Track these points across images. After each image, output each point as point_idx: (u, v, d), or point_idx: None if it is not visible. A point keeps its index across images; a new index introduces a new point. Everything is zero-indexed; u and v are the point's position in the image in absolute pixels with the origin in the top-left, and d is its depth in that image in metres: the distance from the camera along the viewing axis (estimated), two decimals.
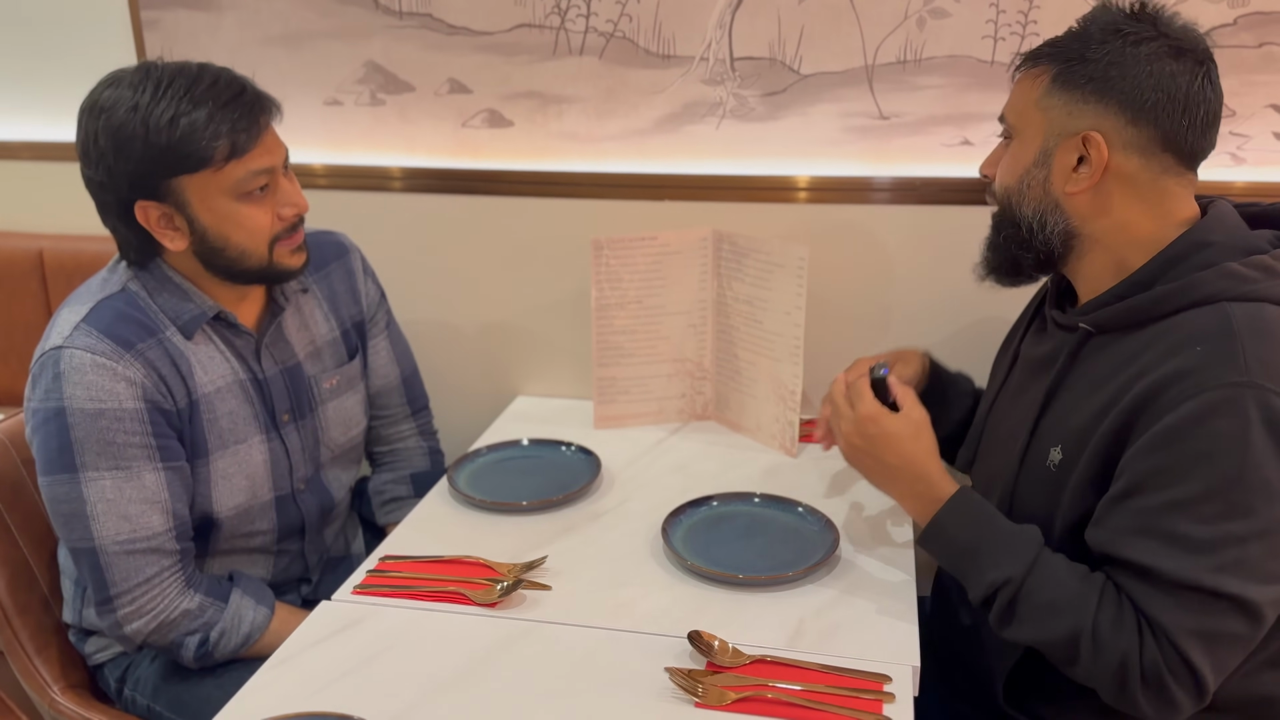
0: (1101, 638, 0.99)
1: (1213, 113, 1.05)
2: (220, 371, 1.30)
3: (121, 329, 1.21)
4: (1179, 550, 0.96)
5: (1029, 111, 1.10)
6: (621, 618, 1.16)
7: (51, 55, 1.88)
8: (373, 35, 1.71)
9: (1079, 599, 1.02)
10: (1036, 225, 1.10)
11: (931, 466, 1.17)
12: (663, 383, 1.68)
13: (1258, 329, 0.96)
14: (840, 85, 1.59)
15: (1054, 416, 1.11)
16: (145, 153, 1.16)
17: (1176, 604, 0.96)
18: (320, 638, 1.14)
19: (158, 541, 1.22)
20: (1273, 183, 1.52)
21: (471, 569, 1.25)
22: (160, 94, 1.16)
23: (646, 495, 1.44)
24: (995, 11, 1.51)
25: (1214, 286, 0.99)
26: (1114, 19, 1.06)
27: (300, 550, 1.44)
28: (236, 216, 1.22)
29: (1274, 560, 0.95)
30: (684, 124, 1.66)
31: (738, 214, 1.67)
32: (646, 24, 1.61)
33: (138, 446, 1.20)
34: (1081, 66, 1.05)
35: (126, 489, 1.20)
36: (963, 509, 1.13)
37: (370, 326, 1.52)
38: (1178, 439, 0.95)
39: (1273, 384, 0.93)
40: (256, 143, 1.20)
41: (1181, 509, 0.96)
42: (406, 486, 1.56)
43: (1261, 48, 1.47)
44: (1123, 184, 1.06)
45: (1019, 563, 1.05)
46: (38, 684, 1.33)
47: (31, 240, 1.98)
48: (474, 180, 1.75)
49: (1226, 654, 0.97)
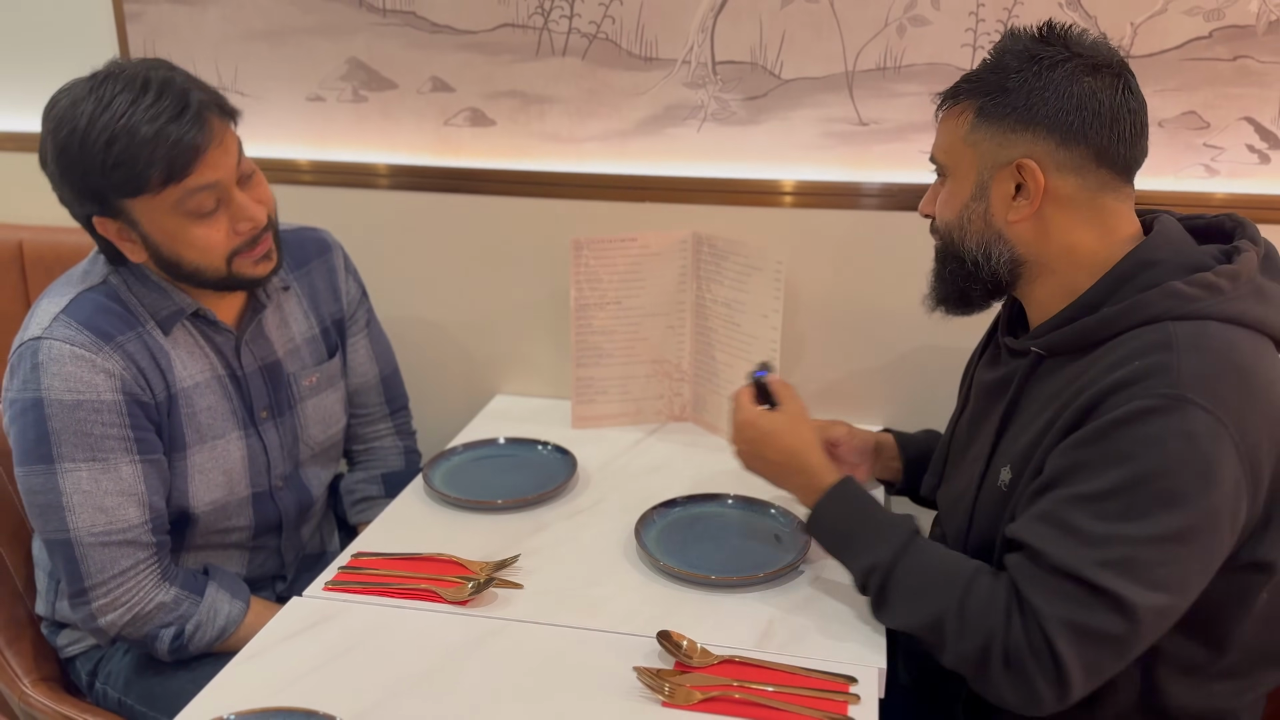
0: (967, 618, 1.01)
1: (1139, 122, 1.05)
2: (199, 367, 1.30)
3: (101, 321, 1.21)
4: (1071, 540, 0.97)
5: (958, 148, 1.10)
6: (592, 617, 1.17)
7: (34, 47, 1.87)
8: (356, 32, 1.71)
9: (946, 583, 1.04)
10: (981, 258, 1.10)
11: (812, 457, 1.21)
12: (641, 383, 1.69)
13: (1197, 345, 0.97)
14: (821, 91, 1.60)
15: (1009, 439, 1.12)
16: (86, 177, 1.15)
17: (1055, 590, 0.97)
18: (291, 633, 1.14)
19: (134, 534, 1.22)
20: (1251, 194, 1.54)
21: (444, 567, 1.25)
22: (100, 113, 1.13)
23: (622, 495, 1.45)
24: (975, 20, 1.52)
25: (1159, 306, 1.00)
26: (1026, 46, 1.06)
27: (277, 547, 1.44)
28: (186, 235, 1.20)
29: (1164, 569, 0.95)
30: (665, 126, 1.67)
31: (717, 216, 1.68)
32: (629, 26, 1.62)
33: (115, 439, 1.20)
34: (1003, 97, 1.05)
35: (103, 481, 1.20)
36: (841, 498, 1.17)
37: (350, 325, 1.52)
38: (1099, 438, 0.97)
39: (1202, 399, 0.94)
40: (196, 163, 1.16)
41: (1084, 502, 0.97)
42: (378, 486, 1.56)
43: (1235, 61, 1.48)
44: (1062, 206, 1.06)
45: (889, 548, 1.09)
46: (8, 676, 1.33)
47: (11, 231, 1.97)
48: (455, 178, 1.75)
49: (1097, 653, 0.96)
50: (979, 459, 1.16)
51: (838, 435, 1.41)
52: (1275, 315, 1.02)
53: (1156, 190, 1.54)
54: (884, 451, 1.44)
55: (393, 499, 1.47)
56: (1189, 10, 1.47)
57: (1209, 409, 0.93)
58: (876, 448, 1.43)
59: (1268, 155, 1.53)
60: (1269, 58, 1.48)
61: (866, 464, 1.43)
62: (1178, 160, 1.55)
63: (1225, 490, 0.94)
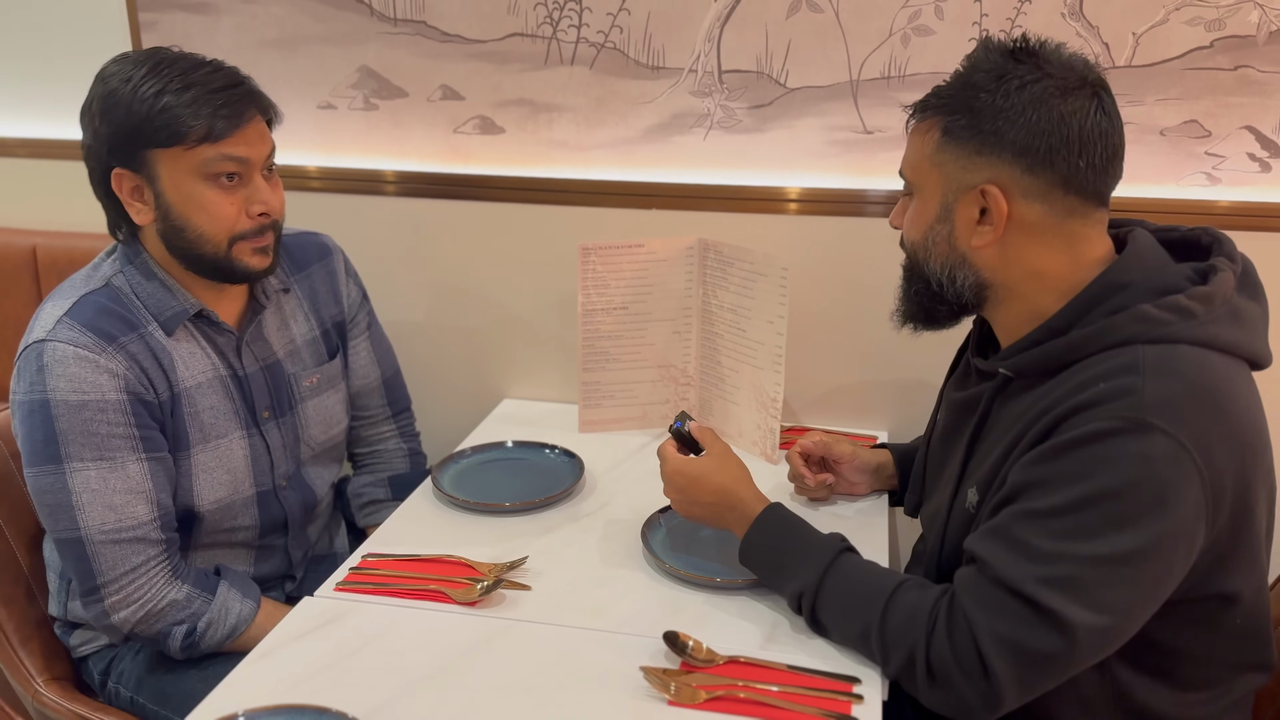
0: (888, 632, 1.02)
1: (1111, 146, 1.01)
2: (201, 367, 1.32)
3: (103, 323, 1.24)
4: (1017, 555, 0.96)
5: (924, 167, 1.07)
6: (599, 618, 1.18)
7: (50, 55, 1.90)
8: (367, 41, 1.73)
9: (869, 600, 1.05)
10: (946, 280, 1.09)
11: (741, 491, 1.22)
12: (647, 388, 1.71)
13: (1165, 369, 0.95)
14: (825, 99, 1.61)
15: (976, 460, 1.12)
16: (126, 120, 1.20)
17: (995, 605, 0.96)
18: (302, 632, 1.15)
19: (143, 531, 1.23)
20: (1253, 202, 1.55)
21: (453, 568, 1.27)
22: (156, 72, 1.20)
23: (628, 499, 1.47)
24: (978, 30, 1.54)
25: (1128, 330, 0.98)
26: (996, 63, 1.02)
27: (284, 546, 1.45)
28: (201, 199, 1.23)
29: (1109, 591, 0.93)
30: (672, 134, 1.68)
31: (723, 223, 1.69)
32: (637, 36, 1.64)
33: (121, 437, 1.22)
34: (969, 118, 1.02)
35: (111, 479, 1.21)
36: (766, 526, 1.17)
37: (351, 327, 1.54)
38: (1056, 456, 0.96)
39: (1164, 423, 0.92)
40: (235, 131, 1.22)
41: (1035, 518, 0.96)
42: (385, 489, 1.58)
43: (1236, 70, 1.50)
44: (1028, 233, 1.03)
45: (813, 571, 1.10)
46: (22, 676, 1.35)
47: (25, 237, 1.99)
48: (465, 185, 1.77)
49: (1031, 670, 0.95)
50: (950, 480, 1.15)
51: (841, 453, 1.42)
52: (1250, 338, 1.01)
53: (1158, 198, 1.56)
54: (884, 469, 1.45)
55: (399, 501, 1.49)
56: (1190, 20, 1.49)
57: (1171, 433, 0.91)
58: (878, 466, 1.45)
59: (1269, 164, 1.54)
60: (1270, 67, 1.49)
61: (867, 481, 1.45)
62: (1180, 168, 1.56)
63: (1182, 516, 0.93)
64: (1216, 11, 1.48)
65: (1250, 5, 1.47)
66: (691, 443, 1.28)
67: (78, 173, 1.94)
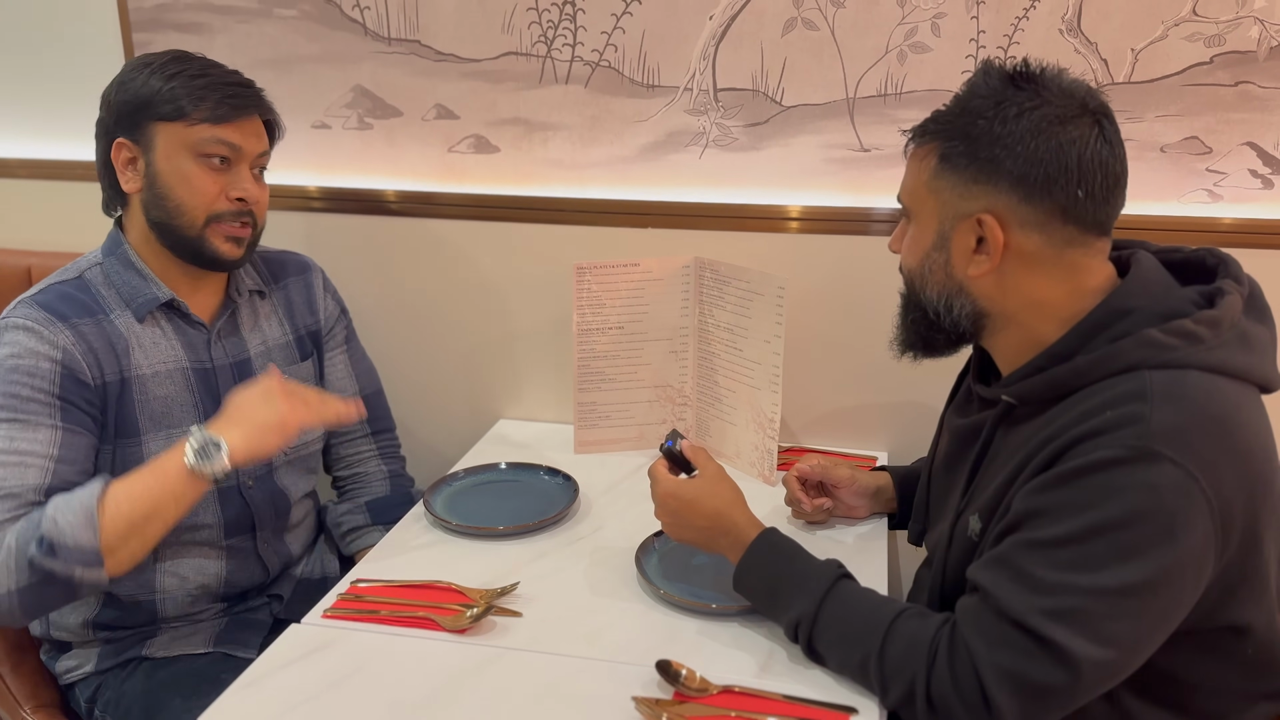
0: (887, 662, 1.00)
1: (1112, 176, 0.99)
2: (162, 357, 1.33)
3: (60, 304, 1.28)
4: (1021, 586, 0.94)
5: (921, 193, 1.05)
6: (592, 645, 1.16)
7: (44, 76, 1.90)
8: (361, 60, 1.73)
9: (868, 629, 1.03)
10: (943, 309, 1.07)
11: (735, 515, 1.19)
12: (644, 408, 1.69)
13: (1174, 395, 0.92)
14: (822, 117, 1.60)
15: (979, 488, 1.10)
16: (140, 92, 1.28)
17: (998, 636, 0.94)
18: (290, 660, 1.13)
19: (21, 492, 1.17)
20: (1255, 219, 1.53)
21: (443, 594, 1.25)
22: (178, 61, 1.31)
23: (623, 522, 1.45)
24: (975, 46, 1.53)
25: (1134, 355, 0.96)
26: (995, 89, 1.00)
27: (253, 549, 1.43)
28: (187, 173, 1.29)
29: (1114, 623, 0.91)
30: (667, 152, 1.67)
31: (719, 241, 1.68)
32: (632, 54, 1.63)
33: (40, 402, 1.22)
34: (967, 145, 1.00)
35: (18, 439, 1.20)
36: (761, 552, 1.15)
37: (327, 339, 1.54)
38: (1061, 485, 0.94)
39: (1173, 452, 0.90)
40: (236, 119, 1.31)
41: (1039, 548, 0.94)
42: (363, 515, 1.56)
43: (1237, 86, 1.49)
44: (1026, 262, 1.01)
45: (810, 599, 1.08)
46: (9, 704, 1.33)
47: (20, 257, 1.98)
48: (459, 204, 1.76)
49: (1034, 704, 0.93)
50: (953, 507, 1.13)
51: (839, 477, 1.40)
52: (1259, 362, 0.99)
53: (1160, 215, 1.54)
54: (883, 492, 1.43)
55: (379, 524, 1.47)
56: (1190, 36, 1.47)
57: (1179, 462, 0.89)
58: (877, 490, 1.43)
59: (1270, 180, 1.52)
60: (1270, 83, 1.48)
61: (866, 504, 1.43)
62: (1181, 185, 1.55)
63: (1190, 547, 0.91)
64: (1216, 27, 1.47)
65: (1250, 20, 1.46)
66: (684, 462, 1.26)
67: (73, 194, 1.95)
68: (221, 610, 1.41)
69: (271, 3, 1.73)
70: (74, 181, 1.92)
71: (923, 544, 1.29)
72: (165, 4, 1.76)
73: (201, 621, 1.39)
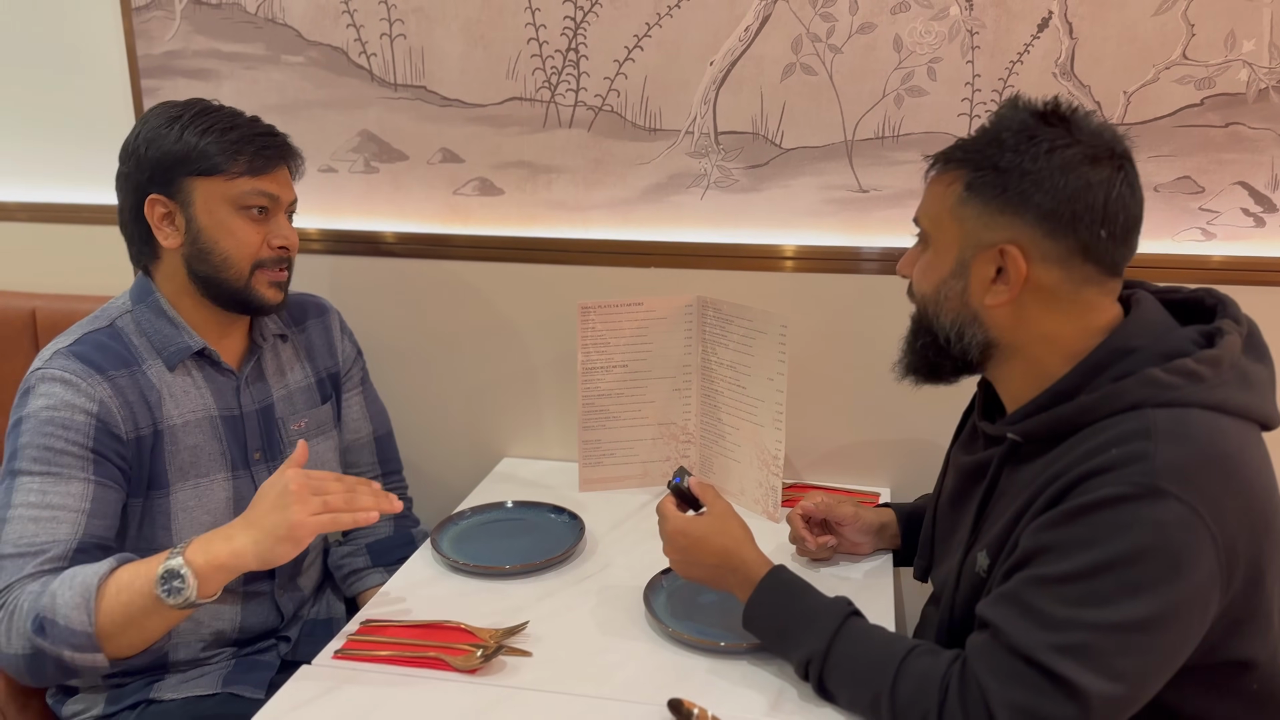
0: (898, 700, 1.01)
1: (1132, 218, 1.02)
2: (192, 406, 1.34)
3: (95, 355, 1.28)
4: (1030, 622, 0.95)
5: (943, 219, 1.07)
6: (602, 684, 1.16)
7: (51, 119, 1.92)
8: (368, 106, 1.75)
9: (879, 667, 1.04)
10: (954, 336, 1.08)
11: (744, 553, 1.20)
12: (648, 446, 1.70)
13: (1177, 434, 0.94)
14: (821, 159, 1.63)
15: (987, 525, 1.11)
16: (173, 148, 1.29)
17: (1008, 672, 0.95)
18: (300, 702, 1.13)
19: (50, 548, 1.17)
20: (1247, 257, 1.56)
21: (452, 634, 1.25)
22: (205, 114, 1.31)
23: (630, 560, 1.45)
24: (970, 90, 1.56)
25: (1136, 394, 0.97)
26: (1026, 123, 1.02)
27: (270, 594, 1.43)
28: (230, 225, 1.31)
29: (1124, 658, 0.92)
30: (669, 194, 1.70)
31: (721, 281, 1.70)
32: (634, 99, 1.66)
33: (74, 455, 1.22)
34: (995, 176, 1.01)
35: (50, 493, 1.20)
36: (770, 590, 1.16)
37: (345, 380, 1.56)
38: (1068, 522, 0.95)
39: (1178, 489, 0.91)
40: (271, 172, 1.33)
41: (1048, 585, 0.95)
42: (364, 557, 1.56)
43: (1228, 127, 1.52)
44: (1043, 296, 1.03)
45: (821, 638, 1.08)
46: None
47: (25, 300, 1.99)
48: (464, 246, 1.79)
49: None
50: (960, 544, 1.14)
51: (843, 515, 1.41)
52: (1259, 400, 1.00)
53: (1155, 253, 1.57)
54: (887, 529, 1.44)
55: (380, 566, 1.46)
56: (1180, 79, 1.51)
57: (1184, 499, 0.91)
58: (881, 526, 1.44)
59: (1262, 219, 1.55)
60: (1260, 124, 1.51)
61: (870, 541, 1.44)
62: (1174, 224, 1.58)
63: (1196, 582, 0.92)
64: (1206, 70, 1.50)
65: (1239, 64, 1.49)
66: (691, 499, 1.27)
67: (77, 236, 1.96)
68: (231, 654, 1.41)
69: (279, 50, 1.76)
70: (77, 225, 1.93)
71: (928, 580, 1.30)
72: (174, 50, 1.79)
73: (211, 665, 1.39)
